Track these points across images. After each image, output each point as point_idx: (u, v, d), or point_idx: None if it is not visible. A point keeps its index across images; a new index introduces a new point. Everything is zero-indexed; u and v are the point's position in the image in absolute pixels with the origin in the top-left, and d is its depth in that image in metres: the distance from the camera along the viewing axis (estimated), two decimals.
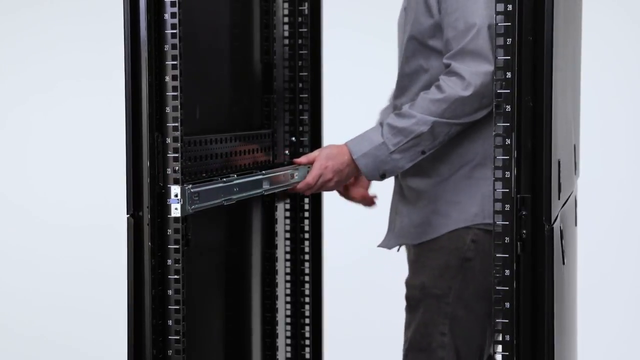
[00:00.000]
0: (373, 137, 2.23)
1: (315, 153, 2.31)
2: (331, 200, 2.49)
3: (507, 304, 1.82)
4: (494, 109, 1.85)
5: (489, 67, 2.09)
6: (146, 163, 1.87)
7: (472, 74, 2.12)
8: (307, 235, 2.55)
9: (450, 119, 2.17)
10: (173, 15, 1.88)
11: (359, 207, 2.53)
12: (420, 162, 2.23)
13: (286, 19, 2.52)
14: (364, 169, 2.24)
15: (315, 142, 2.55)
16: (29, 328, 4.25)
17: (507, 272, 1.82)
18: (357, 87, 3.92)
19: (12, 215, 4.45)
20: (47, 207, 4.42)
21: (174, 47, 1.89)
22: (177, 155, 1.90)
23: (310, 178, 2.28)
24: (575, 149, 2.31)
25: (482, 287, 2.19)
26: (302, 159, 2.32)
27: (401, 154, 2.21)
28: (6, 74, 4.45)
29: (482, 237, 2.21)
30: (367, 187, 2.50)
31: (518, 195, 1.82)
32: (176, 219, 1.90)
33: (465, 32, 2.14)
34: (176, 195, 1.90)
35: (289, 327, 2.56)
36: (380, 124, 2.24)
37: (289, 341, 2.57)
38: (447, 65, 2.18)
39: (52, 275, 4.35)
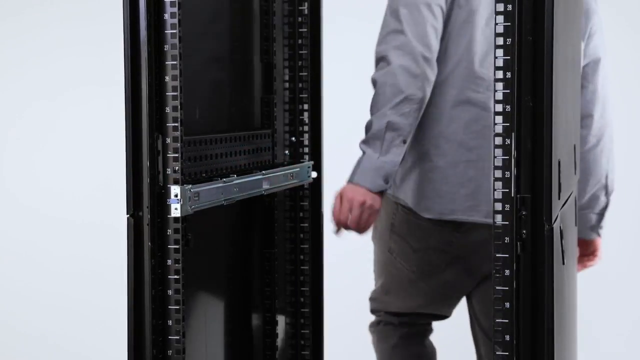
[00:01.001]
0: (357, 160, 2.39)
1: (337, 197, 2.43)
2: (331, 200, 2.49)
3: (507, 304, 1.82)
4: (495, 107, 1.85)
5: (403, 38, 2.31)
6: (146, 163, 1.87)
7: (391, 48, 2.32)
8: (307, 236, 2.55)
9: (397, 96, 2.32)
10: (173, 15, 1.88)
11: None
12: None
13: (286, 19, 2.52)
14: (369, 185, 2.35)
15: (315, 142, 2.54)
16: (29, 327, 4.25)
17: (507, 272, 1.82)
18: (358, 86, 3.91)
19: (11, 215, 4.45)
20: (46, 206, 4.41)
21: (173, 47, 1.88)
22: (177, 155, 1.89)
23: (341, 213, 2.41)
24: (575, 149, 2.31)
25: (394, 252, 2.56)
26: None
27: (388, 153, 2.34)
28: (6, 74, 4.45)
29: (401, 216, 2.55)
30: None
31: (518, 195, 1.81)
32: (176, 219, 1.90)
33: (385, 17, 2.37)
34: (176, 195, 1.90)
35: (289, 327, 2.56)
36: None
37: (289, 341, 2.57)
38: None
39: (52, 275, 4.34)
